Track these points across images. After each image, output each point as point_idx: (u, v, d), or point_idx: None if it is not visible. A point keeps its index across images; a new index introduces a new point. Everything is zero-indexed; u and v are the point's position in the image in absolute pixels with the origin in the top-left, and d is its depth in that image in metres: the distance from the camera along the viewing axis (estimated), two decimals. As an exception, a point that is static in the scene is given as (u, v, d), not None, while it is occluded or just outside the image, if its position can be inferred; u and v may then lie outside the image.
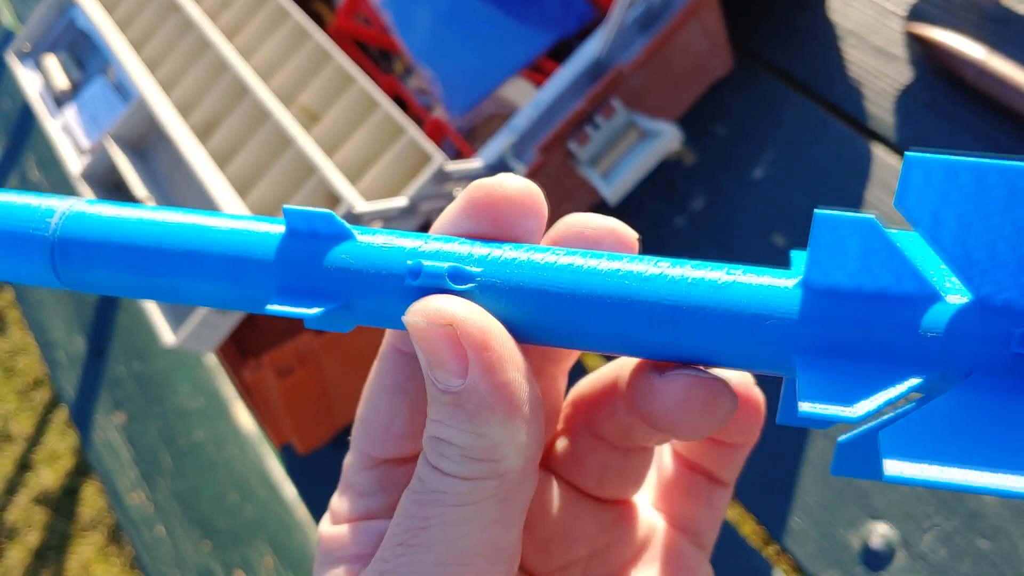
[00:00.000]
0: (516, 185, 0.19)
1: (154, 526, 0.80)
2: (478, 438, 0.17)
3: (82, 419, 0.88)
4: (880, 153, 0.59)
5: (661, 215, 0.64)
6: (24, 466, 1.29)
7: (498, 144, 0.56)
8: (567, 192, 0.61)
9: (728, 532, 0.56)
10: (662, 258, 0.18)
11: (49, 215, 0.20)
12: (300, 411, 0.57)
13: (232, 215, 0.20)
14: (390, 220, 0.53)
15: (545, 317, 0.18)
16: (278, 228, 0.20)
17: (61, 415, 1.34)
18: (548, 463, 0.23)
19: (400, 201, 0.52)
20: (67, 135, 0.62)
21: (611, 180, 0.55)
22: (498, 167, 0.56)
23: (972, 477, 0.15)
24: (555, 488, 0.23)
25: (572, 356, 0.23)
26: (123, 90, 0.62)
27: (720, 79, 0.65)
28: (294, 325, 0.55)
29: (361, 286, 0.19)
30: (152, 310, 0.53)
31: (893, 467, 0.15)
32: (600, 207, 0.65)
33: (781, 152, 0.62)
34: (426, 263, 0.18)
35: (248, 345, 0.59)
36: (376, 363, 0.21)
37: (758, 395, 0.22)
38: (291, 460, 0.73)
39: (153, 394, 0.86)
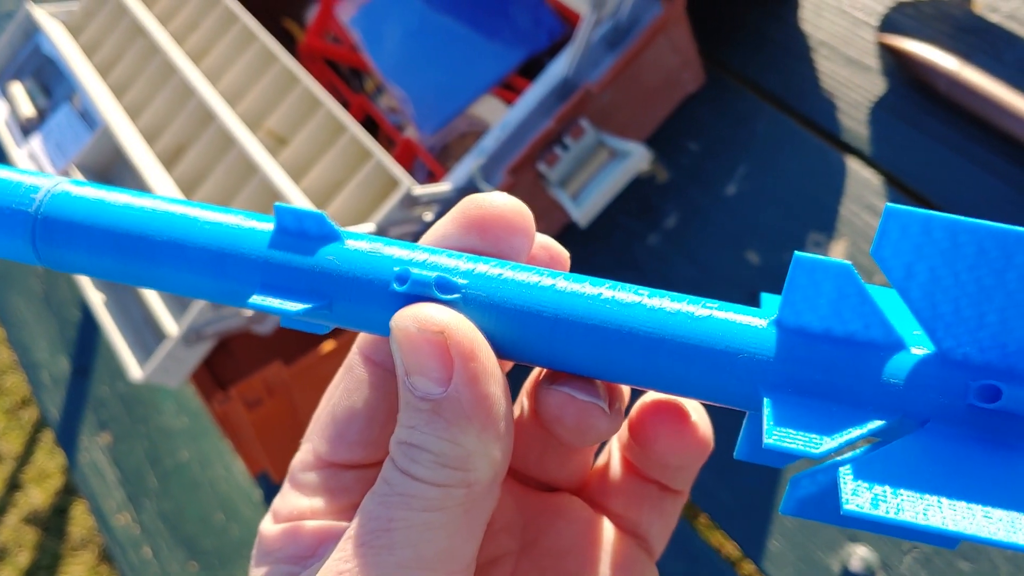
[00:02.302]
0: (508, 203, 0.20)
1: (140, 547, 0.80)
2: (453, 446, 0.18)
3: (67, 440, 0.87)
4: (854, 166, 0.59)
5: (635, 232, 0.63)
6: (13, 486, 1.28)
7: (467, 166, 0.56)
8: (538, 213, 0.61)
9: (706, 554, 0.56)
10: (642, 287, 0.19)
11: (34, 192, 0.20)
12: (273, 441, 0.56)
13: (221, 208, 0.20)
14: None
15: (526, 334, 0.18)
16: (266, 226, 0.20)
17: (50, 434, 1.34)
18: None
19: (368, 227, 0.51)
20: (33, 164, 0.61)
21: (581, 202, 0.55)
22: (467, 190, 0.56)
23: (927, 518, 0.15)
24: None
25: None
26: (88, 117, 0.61)
27: (692, 94, 0.64)
28: (265, 355, 0.55)
29: (346, 287, 0.19)
30: (119, 344, 0.53)
31: (853, 503, 0.15)
32: (571, 228, 0.65)
33: (754, 167, 0.61)
34: (414, 271, 0.19)
35: (222, 374, 0.58)
36: (341, 371, 0.22)
37: (700, 426, 0.22)
38: (268, 487, 0.73)
39: (138, 414, 0.86)
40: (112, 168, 0.60)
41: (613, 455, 0.24)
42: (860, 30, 0.62)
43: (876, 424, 0.17)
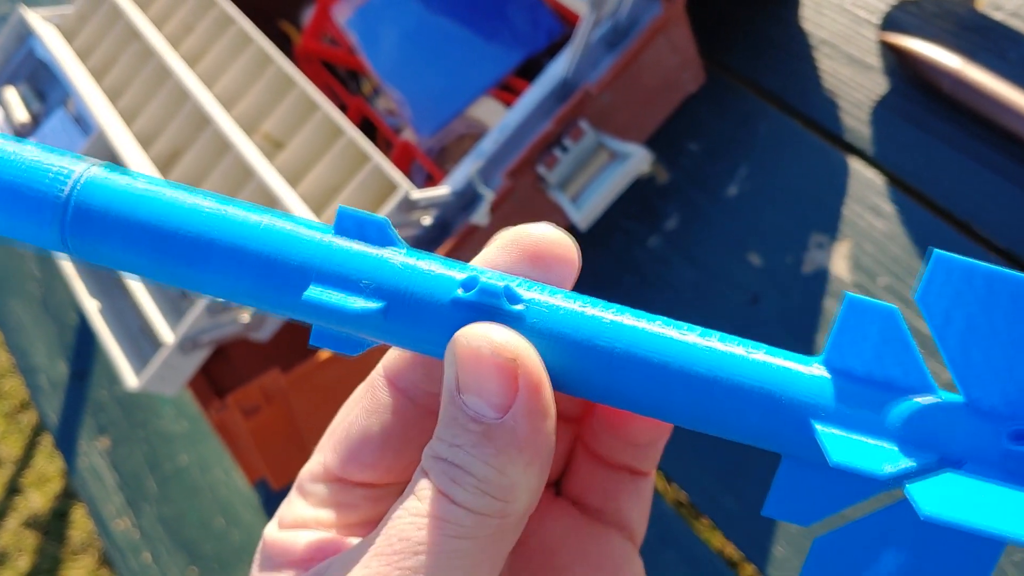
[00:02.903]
0: (558, 235, 0.20)
1: (140, 552, 0.80)
2: (499, 475, 0.17)
3: (66, 444, 0.87)
4: (857, 166, 0.58)
5: (635, 234, 0.63)
6: (13, 490, 1.28)
7: (465, 169, 0.55)
8: (537, 217, 0.60)
9: (709, 558, 0.55)
10: (694, 327, 0.19)
11: (65, 175, 0.19)
12: (271, 448, 0.56)
13: (270, 211, 0.19)
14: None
15: (579, 366, 0.18)
16: (320, 235, 0.19)
17: (49, 437, 1.33)
18: None
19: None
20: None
21: (581, 204, 0.54)
22: (466, 193, 0.55)
23: (994, 522, 0.16)
24: None
25: None
26: (83, 122, 0.60)
27: (692, 94, 0.63)
28: (262, 363, 0.54)
29: (407, 288, 0.18)
30: (114, 352, 0.52)
31: (928, 509, 0.16)
32: (571, 231, 0.64)
33: (755, 167, 0.60)
34: (482, 278, 0.18)
35: (219, 381, 0.58)
36: (361, 388, 0.22)
37: None
38: (266, 494, 0.72)
39: (137, 418, 0.85)
40: (107, 173, 0.60)
41: (580, 452, 0.24)
42: (862, 28, 0.62)
43: (913, 464, 0.17)
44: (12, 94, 0.64)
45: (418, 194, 0.52)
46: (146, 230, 0.19)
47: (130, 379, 0.51)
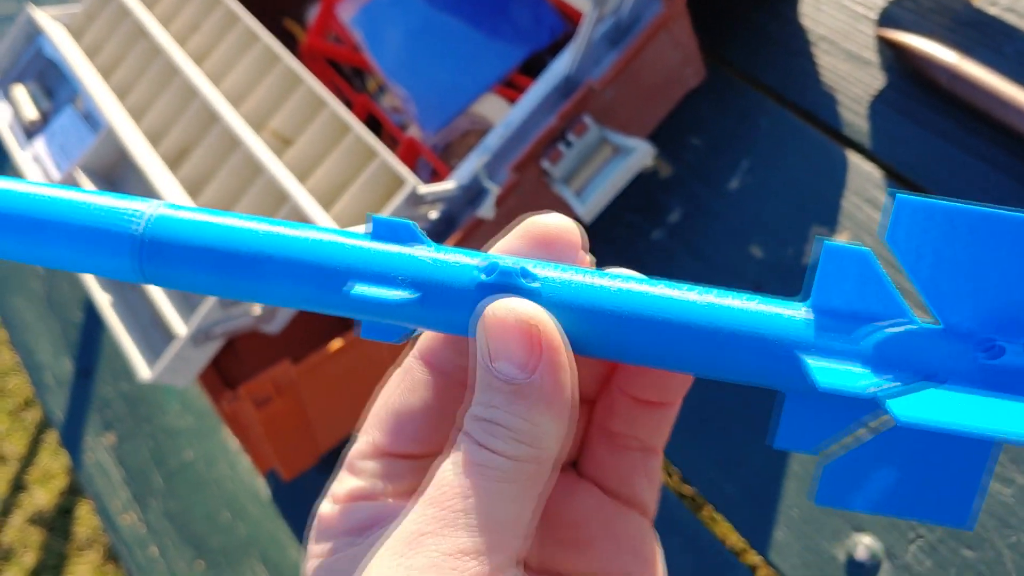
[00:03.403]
0: (567, 223, 0.22)
1: (147, 547, 0.80)
2: (531, 425, 0.20)
3: (72, 441, 0.87)
4: (855, 160, 0.59)
5: (638, 228, 0.63)
6: (18, 486, 1.29)
7: (471, 165, 0.56)
8: (542, 210, 0.61)
9: (712, 545, 0.56)
10: (690, 285, 0.21)
11: (137, 215, 0.22)
12: (282, 439, 0.57)
13: (311, 227, 0.22)
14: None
15: (592, 330, 0.21)
16: (359, 242, 0.22)
17: (54, 434, 1.34)
18: None
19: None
20: (37, 166, 0.62)
21: (585, 198, 0.55)
22: (472, 188, 0.56)
23: (966, 422, 0.18)
24: None
25: None
26: (92, 119, 0.61)
27: (694, 89, 0.64)
28: (272, 355, 0.55)
29: (437, 280, 0.21)
30: (127, 345, 0.53)
31: (904, 415, 0.18)
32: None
33: (756, 161, 0.61)
34: (501, 263, 0.21)
35: (229, 373, 0.58)
36: (398, 373, 0.24)
37: None
38: (276, 485, 0.73)
39: (142, 414, 0.86)
40: (116, 170, 0.61)
41: (595, 435, 0.27)
42: (860, 24, 0.63)
43: (893, 382, 0.19)
44: (21, 92, 0.65)
45: (425, 189, 0.53)
46: (210, 254, 0.22)
47: (143, 371, 0.52)
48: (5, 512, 1.27)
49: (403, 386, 0.24)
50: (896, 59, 0.60)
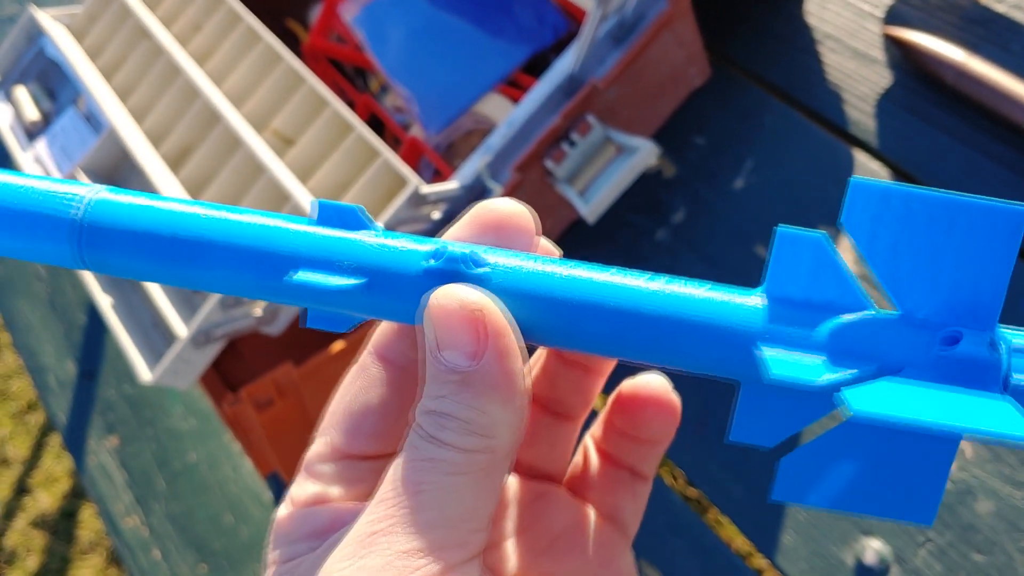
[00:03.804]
0: (517, 208, 0.22)
1: (150, 550, 0.80)
2: (480, 415, 0.19)
3: (75, 444, 0.87)
4: (862, 159, 0.59)
5: (642, 228, 0.63)
6: (21, 490, 1.28)
7: (474, 164, 0.56)
8: (545, 210, 0.61)
9: (718, 549, 0.55)
10: (643, 272, 0.20)
11: (76, 200, 0.21)
12: (283, 441, 0.56)
13: (255, 211, 0.21)
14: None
15: (542, 317, 0.20)
16: (303, 226, 0.21)
17: (57, 437, 1.34)
18: None
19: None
20: (39, 168, 0.61)
21: (589, 198, 0.54)
22: (475, 187, 0.56)
23: (916, 414, 0.17)
24: None
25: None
26: (94, 120, 0.61)
27: (698, 88, 0.64)
28: (275, 357, 0.55)
29: (382, 265, 0.20)
30: (128, 347, 0.53)
31: (857, 407, 0.17)
32: (578, 225, 0.65)
33: (761, 161, 0.61)
34: (448, 248, 0.20)
35: (231, 376, 0.58)
36: (354, 369, 0.23)
37: (675, 399, 0.25)
38: (279, 488, 0.73)
39: (145, 416, 0.86)
40: (118, 171, 0.60)
41: (590, 452, 0.27)
42: (866, 22, 0.62)
43: (853, 372, 0.19)
44: (23, 93, 0.64)
45: (428, 188, 0.52)
46: (151, 239, 0.21)
47: (144, 373, 0.51)
48: (8, 515, 1.26)
49: (358, 384, 0.23)
50: (903, 57, 0.59)
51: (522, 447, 0.25)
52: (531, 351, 0.24)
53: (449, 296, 0.20)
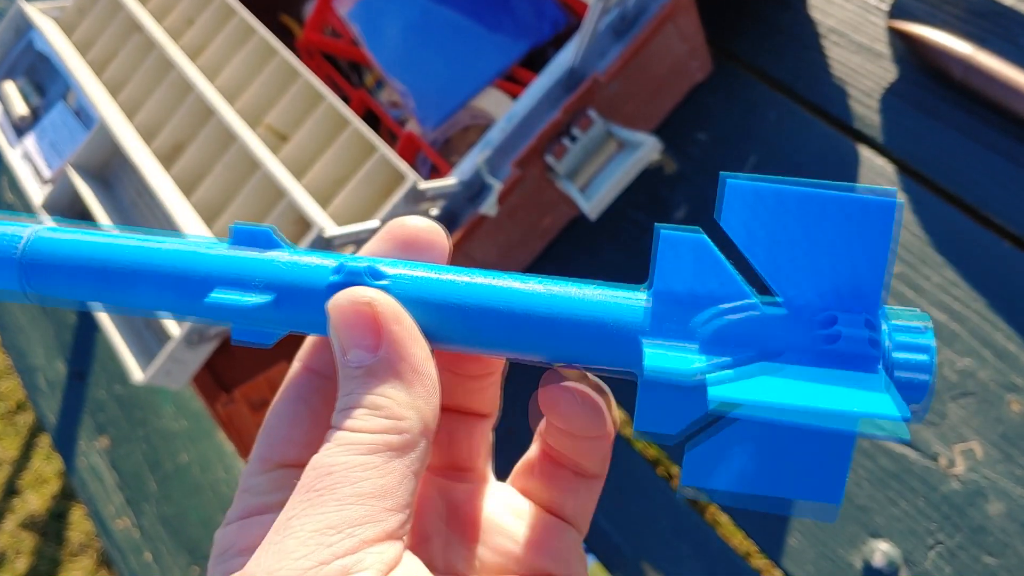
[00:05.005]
0: (428, 225, 0.23)
1: (141, 552, 0.79)
2: (383, 399, 0.20)
3: (65, 445, 0.86)
4: (867, 154, 0.58)
5: (644, 225, 0.62)
6: (10, 491, 1.27)
7: (472, 160, 0.54)
8: (546, 206, 0.60)
9: (724, 553, 0.55)
10: (539, 277, 0.21)
11: (16, 240, 0.23)
12: (278, 443, 0.55)
13: (178, 237, 0.23)
14: (362, 244, 0.51)
15: (443, 320, 0.21)
16: (217, 249, 0.23)
17: (46, 438, 1.32)
18: None
19: (372, 224, 0.50)
20: (28, 164, 0.60)
21: (590, 194, 0.53)
22: (474, 183, 0.55)
23: (764, 396, 0.18)
24: None
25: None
26: (84, 115, 0.60)
27: (700, 83, 0.63)
28: (268, 357, 0.53)
29: (290, 281, 0.22)
30: (120, 346, 0.52)
31: (718, 397, 0.18)
32: (579, 221, 0.64)
33: (764, 156, 0.60)
34: (349, 263, 0.22)
35: (224, 375, 0.57)
36: (283, 384, 0.24)
37: (607, 410, 0.25)
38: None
39: (136, 417, 0.84)
40: (109, 167, 0.59)
41: (534, 449, 0.27)
42: (871, 16, 0.61)
43: (726, 360, 0.19)
44: (11, 88, 0.63)
45: (425, 184, 0.51)
46: (83, 270, 0.23)
47: (136, 373, 0.50)
48: (-2, 517, 1.25)
49: (287, 394, 0.24)
50: (908, 51, 0.58)
51: (441, 448, 0.27)
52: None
53: (342, 296, 0.21)
